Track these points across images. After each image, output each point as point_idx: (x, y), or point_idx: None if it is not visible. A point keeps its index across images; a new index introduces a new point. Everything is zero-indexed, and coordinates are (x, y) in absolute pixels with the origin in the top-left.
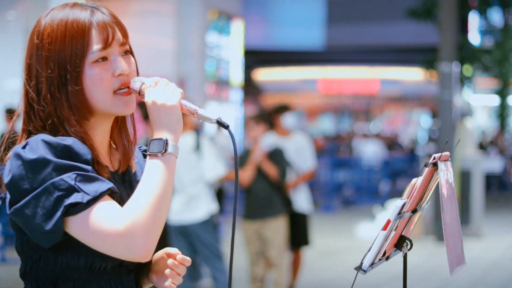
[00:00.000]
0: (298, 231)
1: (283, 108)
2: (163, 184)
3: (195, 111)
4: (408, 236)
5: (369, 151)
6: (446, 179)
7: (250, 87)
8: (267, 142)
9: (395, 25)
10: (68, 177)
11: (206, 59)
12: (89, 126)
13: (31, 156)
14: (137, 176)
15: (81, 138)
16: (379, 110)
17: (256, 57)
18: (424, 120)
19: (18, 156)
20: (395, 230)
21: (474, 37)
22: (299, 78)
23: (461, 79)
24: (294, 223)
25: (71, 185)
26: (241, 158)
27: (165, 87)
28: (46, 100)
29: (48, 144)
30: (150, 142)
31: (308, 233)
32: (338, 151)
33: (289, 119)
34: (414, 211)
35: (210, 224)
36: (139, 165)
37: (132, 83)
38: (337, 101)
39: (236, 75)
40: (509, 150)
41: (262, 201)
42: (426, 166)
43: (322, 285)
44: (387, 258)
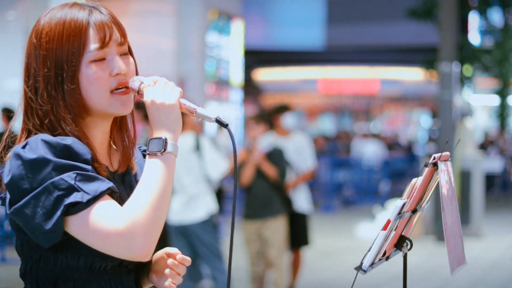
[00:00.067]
0: (298, 231)
1: (283, 108)
2: (162, 183)
3: (194, 109)
4: (408, 236)
5: (369, 151)
6: (446, 179)
7: (250, 87)
8: (266, 142)
9: (395, 25)
10: (68, 177)
11: (206, 59)
12: (85, 126)
13: (31, 156)
14: (137, 176)
15: (77, 137)
16: (379, 110)
17: (256, 57)
18: (424, 120)
19: (18, 156)
20: (395, 230)
21: (474, 37)
22: (299, 78)
23: (461, 79)
24: (294, 223)
25: (71, 185)
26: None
27: (164, 86)
28: (43, 99)
29: (47, 143)
30: (149, 141)
31: (308, 233)
32: (338, 151)
33: (289, 119)
34: (414, 211)
35: (210, 224)
36: (139, 165)
37: (131, 82)
38: (337, 101)
39: (236, 75)
40: (509, 150)
41: (262, 201)
42: (426, 166)
43: (322, 285)
44: (387, 258)
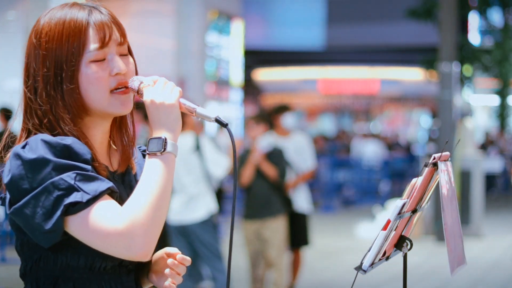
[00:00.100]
0: (298, 231)
1: (283, 108)
2: (162, 183)
3: (193, 109)
4: (408, 236)
5: (369, 151)
6: (446, 179)
7: (250, 87)
8: (266, 142)
9: (395, 25)
10: (68, 177)
11: (206, 59)
12: (84, 126)
13: (30, 155)
14: (137, 176)
15: (76, 137)
16: (379, 110)
17: (256, 57)
18: (424, 120)
19: (17, 156)
20: (395, 230)
21: (474, 37)
22: (299, 78)
23: (461, 79)
24: (294, 223)
25: (71, 185)
26: (241, 158)
27: (164, 86)
28: (42, 99)
29: (47, 143)
30: (149, 141)
31: (308, 233)
32: (338, 151)
33: (289, 119)
34: (414, 211)
35: (210, 224)
36: (139, 165)
37: (130, 82)
38: (337, 101)
39: (236, 75)
40: (509, 150)
41: (262, 201)
42: (426, 166)
43: (322, 285)
44: (387, 258)
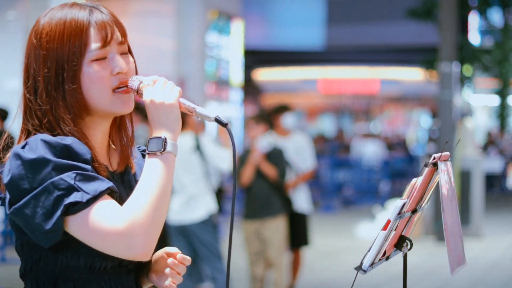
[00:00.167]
0: (298, 231)
1: (283, 108)
2: (162, 183)
3: (193, 109)
4: (408, 236)
5: (369, 151)
6: (446, 179)
7: (250, 87)
8: (266, 142)
9: (395, 25)
10: (68, 177)
11: (206, 59)
12: (85, 125)
13: (30, 155)
14: (136, 176)
15: (76, 137)
16: (379, 110)
17: (256, 57)
18: (424, 120)
19: (17, 156)
20: (395, 230)
21: (474, 37)
22: (299, 78)
23: (461, 79)
24: (294, 223)
25: (71, 185)
26: (241, 158)
27: (164, 86)
28: (42, 99)
29: (47, 143)
30: (149, 140)
31: (308, 233)
32: (338, 151)
33: (289, 119)
34: (414, 211)
35: (210, 224)
36: (138, 165)
37: (130, 81)
38: (337, 101)
39: (236, 75)
40: (509, 150)
41: (262, 201)
42: (426, 166)
43: (322, 285)
44: (387, 258)
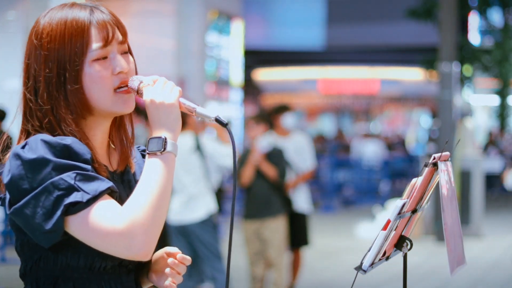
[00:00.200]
0: (298, 231)
1: (283, 108)
2: (162, 182)
3: (193, 109)
4: (408, 236)
5: (369, 151)
6: (446, 179)
7: (250, 87)
8: (266, 142)
9: (395, 25)
10: (68, 177)
11: (206, 59)
12: (86, 126)
13: (30, 156)
14: (136, 176)
15: (78, 138)
16: (379, 110)
17: (256, 57)
18: (424, 120)
19: (17, 156)
20: (395, 230)
21: (474, 37)
22: (299, 78)
23: (461, 79)
24: (294, 223)
25: (71, 185)
26: (241, 158)
27: (164, 86)
28: (43, 100)
29: (47, 143)
30: (149, 140)
31: (308, 233)
32: (338, 151)
33: (289, 119)
34: (414, 211)
35: (210, 224)
36: (138, 165)
37: (130, 81)
38: (337, 101)
39: (236, 75)
40: (509, 150)
41: (262, 201)
42: (426, 166)
43: (322, 285)
44: (387, 258)
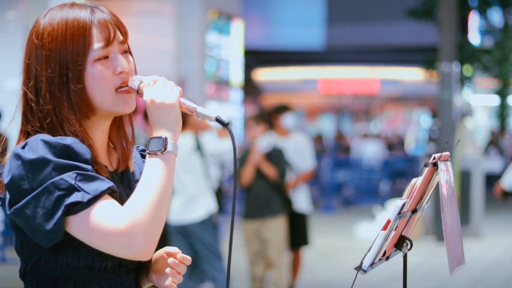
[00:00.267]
0: (298, 231)
1: (283, 108)
2: (163, 182)
3: (194, 109)
4: (408, 236)
5: (369, 151)
6: (446, 179)
7: (250, 87)
8: (266, 142)
9: (395, 25)
10: (68, 177)
11: (206, 59)
12: (90, 125)
13: (30, 156)
14: (135, 175)
15: (80, 138)
16: (379, 110)
17: (256, 57)
18: (424, 120)
19: (17, 156)
20: (395, 230)
21: (474, 37)
22: (299, 78)
23: (461, 79)
24: (293, 223)
25: (72, 185)
26: (241, 158)
27: (164, 85)
28: (45, 100)
29: (47, 143)
30: (149, 140)
31: (308, 233)
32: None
33: (289, 119)
34: (414, 211)
35: (210, 224)
36: (137, 165)
37: (130, 81)
38: (337, 101)
39: (236, 75)
40: (509, 151)
41: (262, 201)
42: (426, 166)
43: (322, 285)
44: (387, 258)
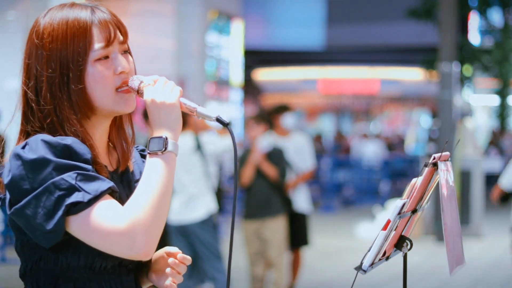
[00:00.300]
0: (298, 231)
1: (283, 108)
2: (163, 182)
3: (194, 109)
4: (408, 236)
5: (369, 151)
6: (446, 179)
7: (250, 87)
8: (266, 142)
9: (395, 25)
10: (69, 177)
11: (206, 59)
12: (90, 125)
13: (31, 156)
14: (134, 175)
15: (81, 138)
16: (379, 110)
17: (256, 57)
18: (424, 120)
19: (17, 156)
20: (395, 230)
21: (474, 37)
22: (299, 78)
23: (461, 79)
24: (293, 223)
25: (72, 185)
26: (241, 158)
27: (164, 85)
28: (46, 100)
29: (47, 143)
30: (150, 140)
31: (308, 233)
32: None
33: (289, 119)
34: (414, 211)
35: (210, 224)
36: (137, 165)
37: (130, 81)
38: (337, 101)
39: (236, 75)
40: (509, 150)
41: (262, 201)
42: (426, 166)
43: (322, 285)
44: (387, 258)
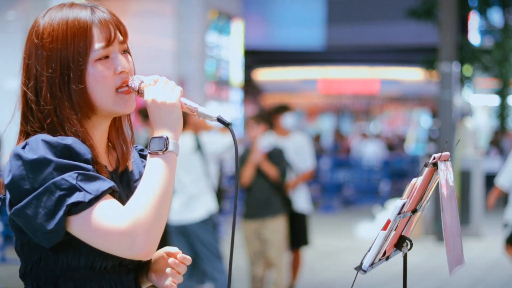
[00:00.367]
0: (298, 231)
1: (283, 108)
2: (164, 182)
3: (195, 109)
4: (408, 236)
5: (369, 151)
6: (446, 179)
7: (250, 87)
8: (266, 142)
9: (395, 25)
10: (70, 177)
11: (206, 59)
12: (90, 125)
13: (31, 156)
14: (133, 175)
15: (82, 138)
16: (379, 110)
17: (256, 57)
18: (424, 120)
19: (18, 156)
20: (395, 230)
21: (474, 37)
22: (299, 78)
23: (461, 79)
24: (293, 223)
25: (73, 185)
26: (241, 158)
27: (165, 85)
28: (46, 100)
29: (48, 143)
30: (151, 140)
31: (308, 233)
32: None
33: (289, 119)
34: (414, 211)
35: (210, 224)
36: (136, 165)
37: (130, 81)
38: (337, 101)
39: (236, 75)
40: (510, 150)
41: (262, 201)
42: (426, 166)
43: (322, 285)
44: (387, 258)
